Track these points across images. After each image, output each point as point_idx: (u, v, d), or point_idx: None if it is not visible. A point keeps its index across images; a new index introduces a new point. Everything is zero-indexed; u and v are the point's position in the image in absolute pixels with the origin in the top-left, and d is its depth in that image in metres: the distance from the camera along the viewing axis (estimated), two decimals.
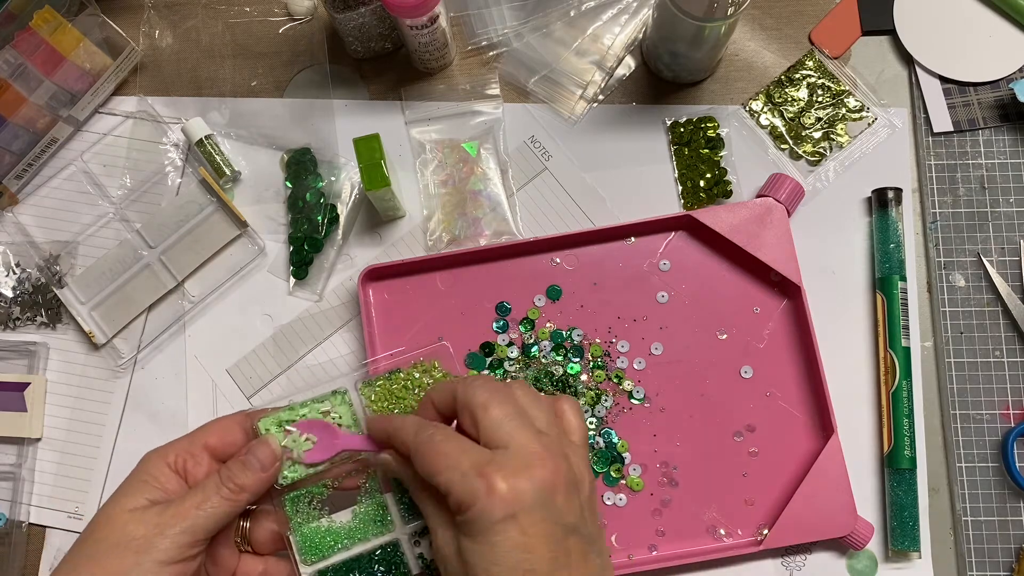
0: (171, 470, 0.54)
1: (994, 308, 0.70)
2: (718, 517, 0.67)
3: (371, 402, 0.59)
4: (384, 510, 0.59)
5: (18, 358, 0.73)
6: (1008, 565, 0.67)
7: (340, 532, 0.58)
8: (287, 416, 0.58)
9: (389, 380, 0.60)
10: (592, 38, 0.74)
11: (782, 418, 0.68)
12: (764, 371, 0.69)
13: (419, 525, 0.58)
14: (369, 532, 0.58)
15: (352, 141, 0.66)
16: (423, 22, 0.66)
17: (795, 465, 0.67)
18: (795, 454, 0.67)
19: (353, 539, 0.58)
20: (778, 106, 0.74)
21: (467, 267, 0.71)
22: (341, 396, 0.59)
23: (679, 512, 0.67)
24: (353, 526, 0.58)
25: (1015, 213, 0.71)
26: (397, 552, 0.58)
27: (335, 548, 0.58)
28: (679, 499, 0.67)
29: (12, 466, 0.71)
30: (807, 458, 0.67)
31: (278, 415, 0.57)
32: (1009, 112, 0.73)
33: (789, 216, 0.69)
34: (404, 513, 0.59)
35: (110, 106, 0.76)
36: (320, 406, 0.58)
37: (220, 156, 0.73)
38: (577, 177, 0.73)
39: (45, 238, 0.74)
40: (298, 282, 0.72)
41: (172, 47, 0.77)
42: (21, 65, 0.70)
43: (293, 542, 0.58)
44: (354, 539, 0.58)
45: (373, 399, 0.59)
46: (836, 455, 0.65)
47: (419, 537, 0.58)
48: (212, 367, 0.72)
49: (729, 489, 0.67)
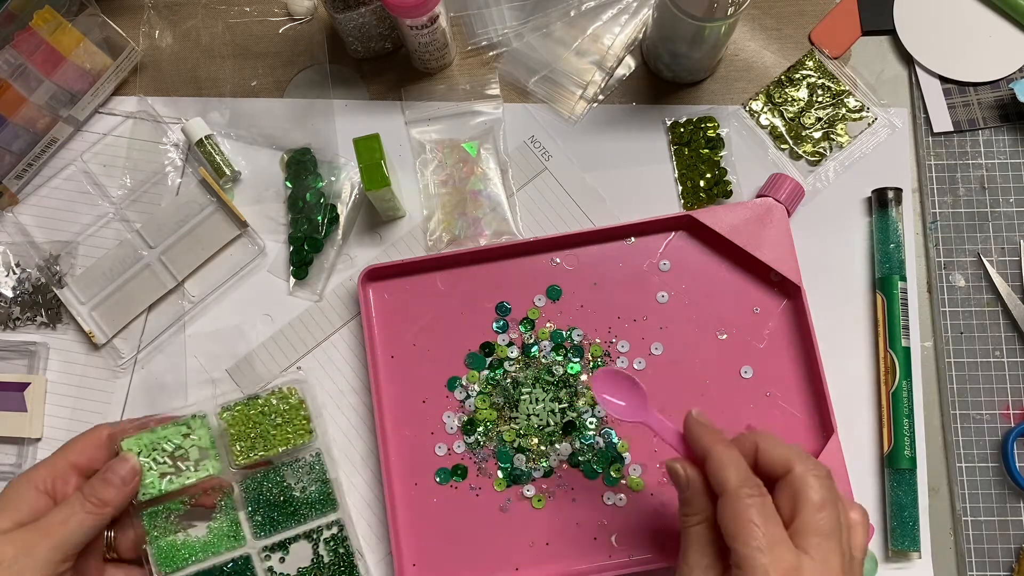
0: (39, 491, 0.58)
1: (994, 308, 0.70)
2: None
3: (229, 425, 0.66)
4: (238, 526, 0.66)
5: (18, 358, 0.73)
6: (1008, 565, 0.67)
7: (195, 546, 0.65)
8: (148, 439, 0.63)
9: (247, 406, 0.66)
10: (592, 38, 0.74)
11: (782, 418, 0.68)
12: (764, 371, 0.69)
13: (271, 542, 0.66)
14: (222, 546, 0.65)
15: (352, 141, 0.66)
16: (423, 22, 0.66)
17: None
18: None
19: (207, 552, 0.65)
20: (778, 106, 0.74)
21: (467, 267, 0.71)
22: (200, 420, 0.65)
23: None
24: (207, 540, 0.65)
25: (1015, 213, 0.71)
26: (248, 565, 0.65)
27: (189, 560, 0.65)
28: None
29: (12, 466, 0.71)
30: None
31: (140, 436, 0.63)
32: (1009, 112, 0.73)
33: (789, 216, 0.69)
34: (256, 530, 0.66)
35: (110, 106, 0.76)
36: (180, 428, 0.65)
37: (220, 156, 0.73)
38: (577, 177, 0.73)
39: (45, 238, 0.74)
40: (298, 282, 0.72)
41: (172, 47, 0.77)
42: (21, 65, 0.70)
43: (150, 554, 0.64)
44: (208, 552, 0.65)
45: (231, 423, 0.66)
46: (836, 455, 0.65)
47: (269, 552, 0.66)
48: (212, 367, 0.72)
49: None
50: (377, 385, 0.68)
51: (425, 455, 0.69)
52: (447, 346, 0.70)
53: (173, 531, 0.65)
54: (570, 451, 0.68)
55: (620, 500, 0.67)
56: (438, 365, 0.70)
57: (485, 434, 0.69)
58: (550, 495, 0.68)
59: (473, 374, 0.69)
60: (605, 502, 0.67)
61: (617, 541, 0.67)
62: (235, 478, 0.66)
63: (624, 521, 0.67)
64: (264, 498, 0.66)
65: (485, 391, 0.69)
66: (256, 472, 0.66)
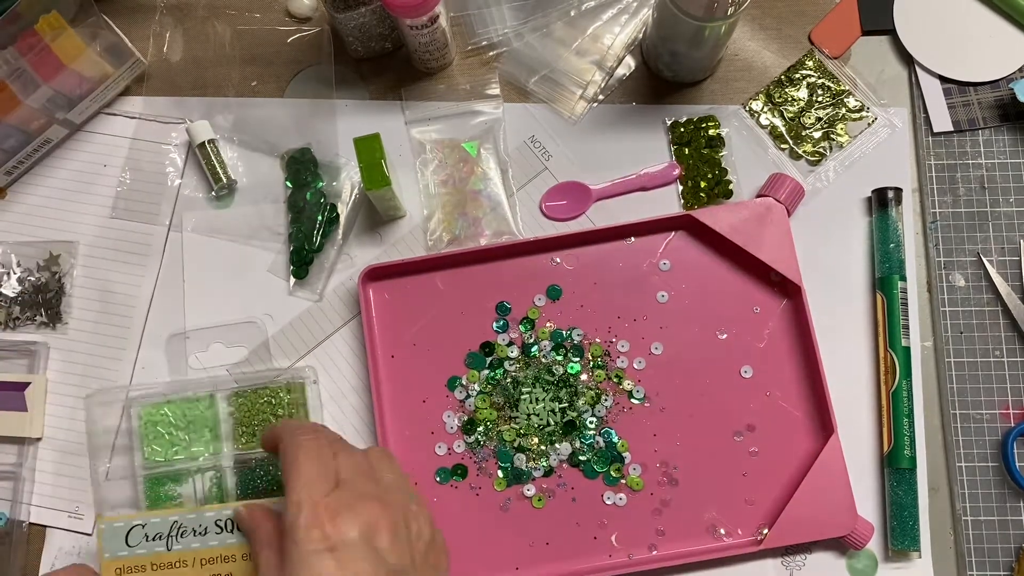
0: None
1: (994, 308, 0.70)
2: (718, 517, 0.67)
3: (237, 410, 0.68)
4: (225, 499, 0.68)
5: (19, 358, 0.73)
6: (1008, 565, 0.67)
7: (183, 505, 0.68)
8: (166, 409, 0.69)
9: (256, 395, 0.69)
10: (592, 38, 0.74)
11: (782, 418, 0.68)
12: (764, 371, 0.69)
13: None
14: None
15: (352, 141, 0.66)
16: (423, 22, 0.66)
17: (795, 465, 0.67)
18: (795, 454, 0.67)
19: None
20: (778, 106, 0.74)
21: (467, 267, 0.71)
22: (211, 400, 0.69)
23: (679, 512, 0.67)
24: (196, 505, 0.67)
25: (1015, 213, 0.71)
26: None
27: None
28: (679, 499, 0.67)
29: (13, 466, 0.71)
30: (807, 458, 0.67)
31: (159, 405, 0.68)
32: (1009, 112, 0.73)
33: (789, 216, 0.69)
34: None
35: (113, 106, 0.76)
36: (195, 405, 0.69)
37: (219, 161, 0.73)
38: (577, 177, 0.73)
39: (45, 238, 0.74)
40: (298, 282, 0.72)
41: (179, 51, 0.76)
42: (20, 67, 0.69)
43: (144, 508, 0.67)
44: None
45: (238, 408, 0.69)
46: (836, 455, 0.65)
47: None
48: (212, 367, 0.72)
49: (729, 489, 0.67)
50: (377, 385, 0.68)
51: (425, 455, 0.69)
52: (447, 346, 0.70)
53: (166, 500, 0.68)
54: (570, 451, 0.68)
55: (620, 500, 0.67)
56: (438, 365, 0.70)
57: (485, 434, 0.69)
58: (550, 495, 0.68)
59: (473, 374, 0.69)
60: (605, 502, 0.67)
61: (617, 541, 0.67)
62: (231, 462, 0.68)
63: (624, 521, 0.67)
64: (255, 486, 0.67)
65: (485, 391, 0.69)
66: (251, 460, 0.68)
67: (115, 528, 0.60)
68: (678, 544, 0.67)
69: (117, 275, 0.74)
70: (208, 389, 0.69)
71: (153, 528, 0.59)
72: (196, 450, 0.69)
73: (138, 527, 0.60)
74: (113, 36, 0.73)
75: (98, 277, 0.74)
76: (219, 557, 0.59)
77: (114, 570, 0.59)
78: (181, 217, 0.74)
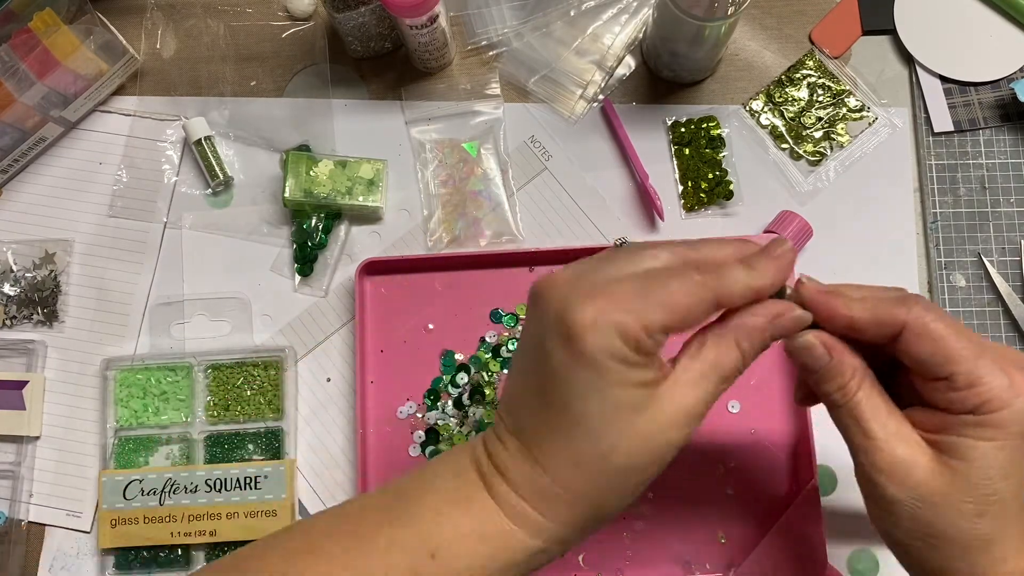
0: None
1: (994, 308, 0.70)
2: (686, 549, 0.66)
3: (212, 381, 0.69)
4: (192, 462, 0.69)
5: (16, 356, 0.73)
6: None
7: None
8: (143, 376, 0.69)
9: (232, 370, 0.70)
10: (592, 38, 0.74)
11: (763, 458, 0.67)
12: (751, 408, 0.68)
13: None
14: None
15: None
16: (423, 22, 0.66)
17: (769, 508, 0.66)
18: (772, 497, 0.66)
19: None
20: (778, 106, 0.73)
21: (466, 271, 0.70)
22: (187, 371, 0.69)
23: (648, 539, 0.66)
24: None
25: (1015, 213, 0.71)
26: None
27: None
28: (649, 526, 0.66)
29: (11, 464, 0.71)
30: (783, 502, 0.66)
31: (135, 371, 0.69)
32: (1009, 112, 0.73)
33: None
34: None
35: (108, 104, 0.76)
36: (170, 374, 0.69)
37: (216, 158, 0.73)
38: (577, 177, 0.73)
39: (41, 236, 0.74)
40: (303, 279, 0.72)
41: (172, 48, 0.76)
42: (14, 65, 0.69)
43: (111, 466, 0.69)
44: None
45: (214, 379, 0.69)
46: (812, 502, 0.64)
47: None
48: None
49: (701, 523, 0.66)
50: (363, 377, 0.68)
51: (401, 454, 0.68)
52: (437, 348, 0.70)
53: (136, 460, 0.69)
54: None
55: None
56: (425, 366, 0.70)
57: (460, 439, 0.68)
58: None
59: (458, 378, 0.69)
60: None
61: (584, 562, 0.66)
62: (201, 434, 0.69)
63: (592, 542, 0.66)
64: (218, 458, 0.69)
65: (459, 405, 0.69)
66: (221, 432, 0.69)
67: (116, 481, 0.67)
68: (644, 570, 0.66)
69: (113, 273, 0.73)
70: (186, 360, 0.70)
71: (149, 484, 0.67)
72: (166, 418, 0.70)
73: (135, 482, 0.67)
74: (107, 33, 0.72)
75: (94, 275, 0.73)
76: (206, 514, 0.66)
77: (110, 520, 0.67)
78: (178, 214, 0.74)
